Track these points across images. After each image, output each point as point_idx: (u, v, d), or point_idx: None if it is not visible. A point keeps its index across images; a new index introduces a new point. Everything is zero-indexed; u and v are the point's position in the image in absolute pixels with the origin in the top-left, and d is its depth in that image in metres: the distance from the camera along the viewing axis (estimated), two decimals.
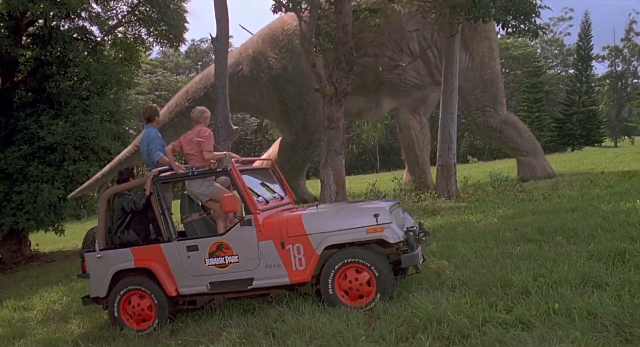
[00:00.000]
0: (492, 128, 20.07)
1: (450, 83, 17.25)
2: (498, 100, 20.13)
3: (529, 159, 20.16)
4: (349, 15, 15.13)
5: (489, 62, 20.17)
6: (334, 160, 14.57)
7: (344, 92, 14.73)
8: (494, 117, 19.97)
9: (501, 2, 15.03)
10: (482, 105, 20.09)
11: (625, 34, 79.01)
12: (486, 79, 20.09)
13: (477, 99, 20.10)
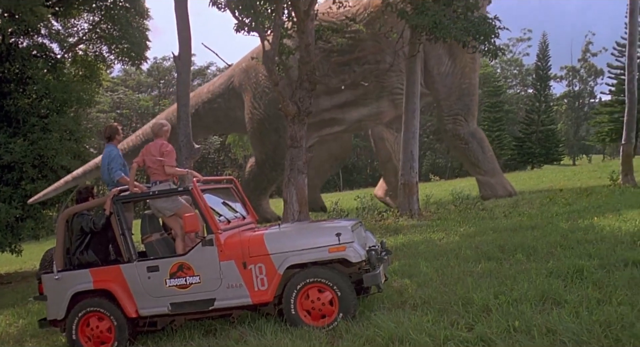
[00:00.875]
0: (459, 137, 20.40)
1: (411, 103, 17.42)
2: (470, 111, 20.52)
3: (487, 179, 20.46)
4: (312, 35, 15.23)
5: (469, 73, 20.59)
6: (296, 179, 14.58)
7: (306, 111, 14.78)
8: (463, 127, 20.32)
9: (462, 23, 15.26)
10: (454, 112, 20.43)
11: (582, 55, 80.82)
12: (463, 88, 20.49)
13: (451, 105, 20.46)
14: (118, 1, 20.73)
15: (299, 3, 14.69)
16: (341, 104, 21.75)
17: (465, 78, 20.48)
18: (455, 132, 20.42)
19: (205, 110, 23.86)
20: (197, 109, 23.53)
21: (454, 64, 20.11)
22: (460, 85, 20.45)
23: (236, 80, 23.16)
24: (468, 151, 20.43)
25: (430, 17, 14.93)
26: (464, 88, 20.49)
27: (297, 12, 14.89)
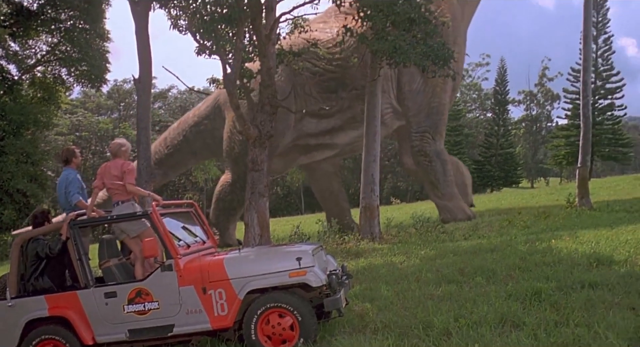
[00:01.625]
0: (424, 154, 20.76)
1: (372, 126, 17.54)
2: (438, 130, 20.85)
3: (444, 203, 20.73)
4: (273, 58, 15.28)
5: (440, 93, 21.02)
6: (257, 202, 14.52)
7: (267, 134, 14.77)
8: (430, 144, 20.72)
9: (421, 48, 15.49)
10: (422, 129, 20.82)
11: (539, 80, 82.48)
12: (433, 107, 20.89)
13: (420, 122, 20.87)
14: (78, 23, 20.61)
15: (260, 27, 14.74)
16: (329, 129, 21.79)
17: (436, 97, 20.96)
18: (421, 149, 20.84)
19: (194, 134, 23.57)
20: (185, 134, 23.41)
21: (426, 82, 20.48)
22: (430, 103, 20.92)
23: (222, 98, 23.08)
24: (430, 169, 20.77)
25: (390, 42, 15.12)
26: (434, 106, 20.94)
27: (258, 36, 14.94)
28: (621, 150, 57.17)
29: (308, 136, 22.02)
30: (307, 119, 21.48)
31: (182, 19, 14.89)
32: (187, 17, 14.59)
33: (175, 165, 24.80)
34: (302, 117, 21.46)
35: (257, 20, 14.72)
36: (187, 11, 14.47)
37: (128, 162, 7.89)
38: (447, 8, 21.63)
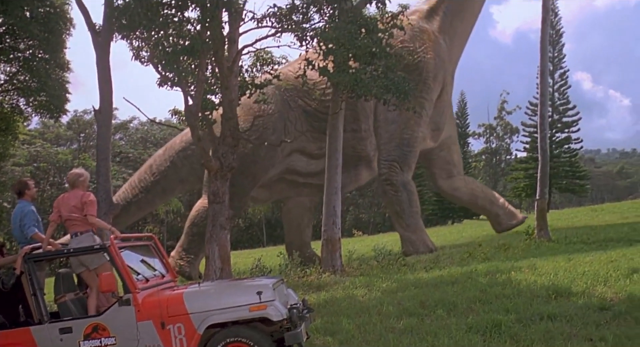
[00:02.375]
0: (391, 184, 21.00)
1: (334, 159, 17.59)
2: (407, 162, 21.15)
3: (408, 235, 20.87)
4: (235, 91, 15.31)
5: (413, 126, 21.37)
6: (218, 235, 14.42)
7: (229, 167, 14.73)
8: (398, 174, 21.00)
9: (382, 81, 15.68)
10: (392, 158, 21.15)
11: (498, 113, 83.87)
12: (404, 138, 21.26)
13: (390, 151, 21.20)
14: (37, 53, 20.37)
15: (222, 59, 14.78)
16: (318, 171, 21.47)
17: (408, 129, 21.33)
18: (388, 178, 21.11)
19: (181, 159, 23.14)
20: (172, 160, 23.04)
21: (400, 113, 20.63)
22: (402, 134, 21.30)
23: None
24: (396, 200, 20.99)
25: (351, 75, 15.28)
26: (405, 138, 21.30)
27: (220, 68, 14.97)
28: (578, 182, 58.18)
29: (297, 174, 22.21)
30: (298, 156, 21.66)
31: (144, 50, 14.86)
32: (149, 48, 14.57)
33: (162, 193, 24.44)
34: (290, 153, 21.59)
35: (220, 52, 14.76)
36: (149, 42, 14.46)
37: (88, 193, 7.79)
38: (433, 47, 22.30)
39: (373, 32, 15.25)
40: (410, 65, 21.38)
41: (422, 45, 21.92)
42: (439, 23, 23.19)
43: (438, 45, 22.52)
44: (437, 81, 22.35)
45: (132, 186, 23.88)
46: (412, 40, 21.88)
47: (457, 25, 23.89)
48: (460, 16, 23.90)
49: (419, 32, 22.30)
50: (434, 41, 22.38)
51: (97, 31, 16.11)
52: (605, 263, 12.19)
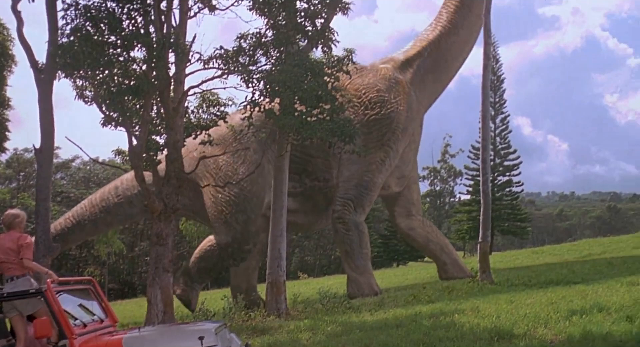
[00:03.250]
0: (343, 222, 21.16)
1: (280, 201, 17.56)
2: (362, 203, 21.42)
3: (356, 276, 20.90)
4: (181, 132, 15.21)
5: (374, 171, 21.78)
6: (161, 278, 14.14)
7: (173, 208, 14.55)
8: (350, 214, 21.16)
9: (327, 124, 15.80)
10: (347, 197, 21.37)
11: (442, 156, 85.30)
12: (364, 180, 21.58)
13: (347, 189, 21.45)
14: None
15: (168, 100, 14.71)
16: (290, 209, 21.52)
17: (369, 173, 21.70)
18: (341, 216, 21.29)
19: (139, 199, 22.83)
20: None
21: (365, 156, 21.01)
22: (362, 176, 21.63)
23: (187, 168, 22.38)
24: (347, 239, 21.17)
25: (296, 118, 15.36)
26: (365, 180, 21.63)
27: (166, 109, 14.89)
28: (519, 224, 59.41)
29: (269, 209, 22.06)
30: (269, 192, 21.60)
31: (88, 90, 14.70)
32: (93, 87, 14.41)
33: (123, 217, 24.26)
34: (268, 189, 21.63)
35: (165, 92, 14.70)
36: (93, 81, 14.30)
37: (25, 235, 7.56)
38: (407, 100, 22.85)
39: (319, 75, 15.41)
40: (383, 114, 22.03)
41: (396, 96, 22.48)
42: (411, 75, 23.79)
43: (410, 98, 23.11)
44: (406, 133, 22.93)
45: (93, 204, 23.41)
46: (387, 91, 22.49)
47: (428, 82, 24.50)
48: (433, 75, 24.54)
49: (395, 83, 22.89)
50: (407, 94, 22.97)
51: (39, 69, 15.89)
52: (545, 305, 12.37)
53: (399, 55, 24.46)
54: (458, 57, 24.83)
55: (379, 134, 21.94)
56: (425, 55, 24.07)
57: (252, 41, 15.82)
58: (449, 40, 24.17)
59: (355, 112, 21.97)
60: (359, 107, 22.22)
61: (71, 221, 23.90)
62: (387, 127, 21.96)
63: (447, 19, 24.38)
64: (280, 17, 15.79)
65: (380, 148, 21.79)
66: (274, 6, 15.67)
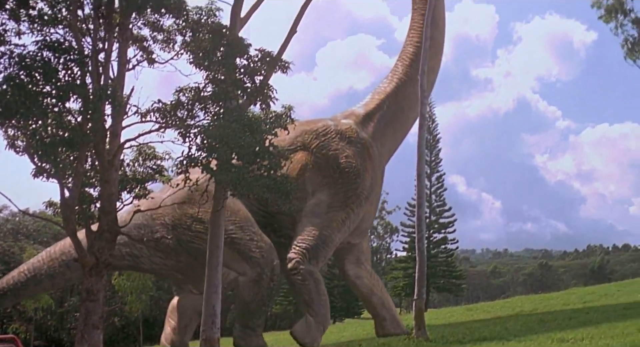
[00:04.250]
0: (298, 273, 21.03)
1: (215, 257, 17.29)
2: (318, 256, 21.48)
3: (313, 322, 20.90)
4: (115, 185, 15.00)
5: (334, 228, 21.94)
6: (90, 334, 13.74)
7: (105, 263, 14.24)
8: (304, 263, 21.09)
9: (265, 181, 15.79)
10: (304, 245, 21.31)
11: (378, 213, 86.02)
12: (323, 234, 21.64)
13: (305, 237, 21.45)
14: None
15: (103, 152, 14.54)
16: None
17: (329, 229, 21.79)
18: (296, 267, 21.12)
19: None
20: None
21: (327, 211, 21.50)
22: (322, 229, 21.66)
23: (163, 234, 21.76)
24: (304, 289, 21.10)
25: (234, 173, 15.31)
26: (324, 235, 21.66)
27: (100, 161, 14.70)
28: (454, 281, 60.02)
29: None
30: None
31: (19, 140, 14.39)
32: (25, 137, 14.11)
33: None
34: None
35: (101, 145, 14.54)
36: (25, 131, 14.00)
37: None
38: (372, 166, 23.28)
39: (257, 131, 15.48)
40: (350, 180, 22.39)
41: (363, 162, 22.86)
42: (373, 129, 24.15)
43: (375, 163, 23.55)
44: (368, 200, 23.33)
45: (51, 258, 22.45)
46: (354, 157, 22.81)
47: (389, 134, 24.90)
48: (392, 127, 24.95)
49: (362, 148, 23.23)
50: (372, 159, 23.38)
51: None
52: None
53: (359, 110, 24.89)
54: (414, 108, 24.76)
55: (345, 197, 22.30)
56: (385, 108, 24.56)
57: (190, 95, 15.86)
58: (405, 92, 24.64)
59: (323, 174, 22.37)
60: (327, 170, 22.53)
61: (25, 275, 22.82)
62: (352, 191, 22.40)
63: (403, 71, 24.99)
64: (220, 72, 15.90)
65: (343, 209, 22.10)
66: (214, 61, 15.80)
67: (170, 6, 15.23)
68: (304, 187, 21.85)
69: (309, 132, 23.01)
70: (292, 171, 21.54)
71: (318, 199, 22.06)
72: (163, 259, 22.10)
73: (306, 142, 22.72)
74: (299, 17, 18.64)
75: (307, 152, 22.49)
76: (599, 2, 32.52)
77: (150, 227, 21.98)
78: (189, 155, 15.76)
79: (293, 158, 21.26)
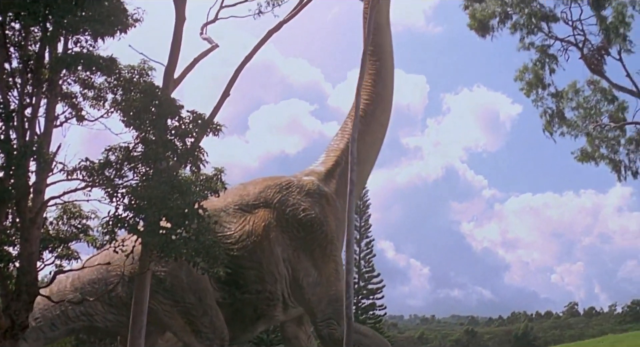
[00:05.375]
0: (337, 340, 20.78)
1: (139, 321, 16.78)
2: (341, 315, 21.05)
3: None
4: (36, 244, 14.55)
5: (335, 281, 21.76)
6: None
7: (21, 325, 13.69)
8: (337, 330, 20.99)
9: (193, 244, 15.55)
10: (327, 317, 21.27)
11: None
12: (332, 294, 21.49)
13: (323, 311, 21.33)
14: None
15: (25, 209, 14.15)
16: None
17: (332, 286, 21.69)
18: (332, 337, 21.14)
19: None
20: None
21: (320, 274, 21.43)
22: (328, 292, 21.53)
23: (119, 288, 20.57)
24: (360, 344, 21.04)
25: (161, 236, 15.06)
26: (332, 294, 21.55)
27: (22, 219, 14.27)
28: None
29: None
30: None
31: None
32: None
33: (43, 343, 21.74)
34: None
35: (23, 202, 14.15)
36: None
37: None
38: (332, 211, 23.09)
39: (186, 193, 15.33)
40: (315, 231, 22.14)
41: (322, 210, 22.68)
42: (336, 185, 24.09)
43: (336, 209, 23.40)
44: (340, 240, 23.18)
45: None
46: (312, 207, 22.59)
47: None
48: None
49: (319, 197, 23.10)
50: (332, 205, 23.27)
51: None
52: None
53: (318, 168, 24.88)
54: (367, 161, 25.30)
55: (321, 250, 22.16)
56: (342, 163, 24.46)
57: (120, 155, 15.61)
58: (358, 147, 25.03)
59: (289, 236, 22.06)
60: (291, 230, 22.22)
61: None
62: (324, 240, 22.27)
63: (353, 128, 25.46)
64: (151, 132, 15.79)
65: (328, 262, 22.01)
66: (145, 121, 15.71)
67: (102, 64, 15.15)
68: (271, 250, 21.44)
69: (272, 187, 22.91)
70: (257, 229, 21.45)
71: (303, 269, 21.80)
72: (116, 315, 21.27)
73: (268, 197, 22.50)
74: (232, 80, 18.87)
75: (269, 209, 22.21)
76: (522, 75, 34.02)
77: (105, 280, 21.17)
78: (116, 215, 15.44)
79: (257, 215, 21.53)
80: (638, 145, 34.26)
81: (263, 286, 21.83)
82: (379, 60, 24.61)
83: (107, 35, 15.28)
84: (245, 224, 21.58)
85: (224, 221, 21.55)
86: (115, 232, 15.97)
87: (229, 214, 22.23)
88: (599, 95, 34.26)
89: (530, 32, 32.60)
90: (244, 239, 21.24)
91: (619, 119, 33.95)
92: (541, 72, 33.41)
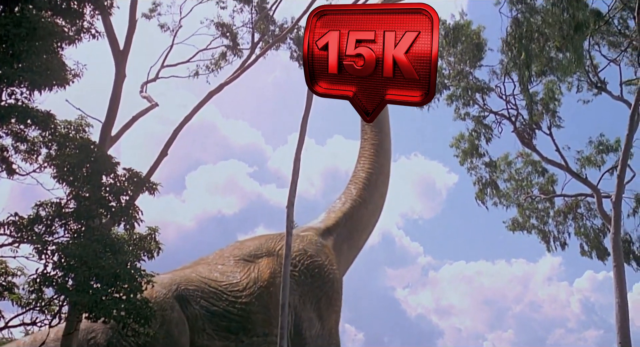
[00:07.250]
0: None
1: None
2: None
3: None
4: None
5: (335, 334, 22.24)
6: None
7: None
8: None
9: (124, 304, 15.02)
10: None
11: None
12: (332, 344, 21.92)
13: None
14: None
15: None
16: None
17: (332, 338, 22.05)
18: None
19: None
20: None
21: (323, 326, 21.58)
22: (329, 344, 21.85)
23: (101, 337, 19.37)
24: None
25: (91, 296, 14.49)
26: (333, 343, 21.97)
27: None
28: None
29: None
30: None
31: None
32: None
33: None
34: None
35: None
36: None
37: None
38: (337, 261, 23.35)
39: (119, 252, 14.91)
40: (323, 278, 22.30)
41: (326, 258, 22.92)
42: (333, 243, 24.29)
43: (338, 261, 23.64)
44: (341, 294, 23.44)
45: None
46: (318, 255, 22.79)
47: (344, 250, 25.16)
48: (348, 243, 25.35)
49: (321, 246, 23.32)
50: (334, 255, 23.50)
51: None
52: None
53: (318, 224, 25.14)
54: (367, 228, 25.98)
55: (327, 300, 22.31)
56: (342, 225, 25.00)
57: (51, 210, 15.19)
58: (359, 213, 25.40)
59: (296, 281, 21.96)
60: (297, 275, 22.24)
61: None
62: (331, 289, 22.47)
63: (357, 194, 25.69)
64: (84, 189, 15.41)
65: (332, 314, 22.21)
66: (79, 177, 15.34)
67: (38, 118, 14.82)
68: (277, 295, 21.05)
69: (272, 238, 23.03)
70: (263, 276, 21.42)
71: (307, 319, 21.82)
72: None
73: (270, 247, 22.54)
74: (171, 140, 18.78)
75: (273, 257, 22.23)
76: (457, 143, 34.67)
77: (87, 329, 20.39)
78: (44, 273, 14.85)
79: (260, 263, 21.64)
80: (566, 217, 35.09)
81: (270, 330, 21.75)
82: (381, 132, 25.47)
83: (44, 87, 14.98)
84: (250, 272, 21.62)
85: (228, 272, 21.60)
86: (42, 291, 15.35)
87: (231, 265, 22.28)
88: (530, 168, 35.11)
89: (466, 104, 33.42)
90: (251, 286, 21.18)
91: (548, 192, 34.75)
92: (476, 141, 34.11)
